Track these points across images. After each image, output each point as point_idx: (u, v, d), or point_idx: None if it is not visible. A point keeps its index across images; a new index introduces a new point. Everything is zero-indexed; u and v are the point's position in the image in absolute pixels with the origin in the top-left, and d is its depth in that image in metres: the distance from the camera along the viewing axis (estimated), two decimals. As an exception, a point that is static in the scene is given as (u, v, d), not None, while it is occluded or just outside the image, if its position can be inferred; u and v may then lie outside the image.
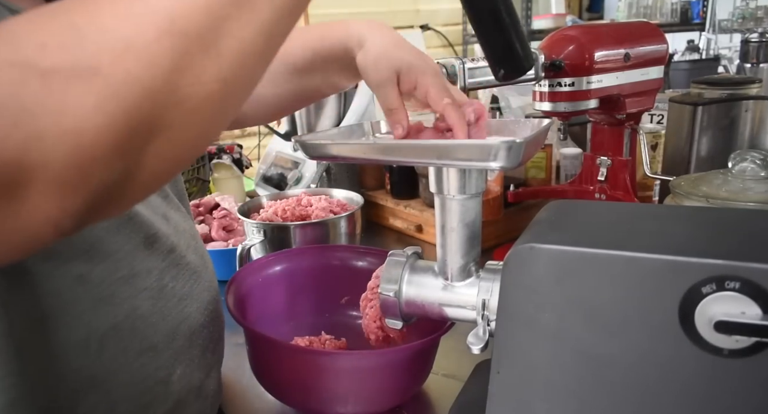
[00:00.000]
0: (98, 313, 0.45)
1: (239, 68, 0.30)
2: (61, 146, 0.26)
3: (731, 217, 0.48)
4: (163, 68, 0.27)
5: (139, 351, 0.48)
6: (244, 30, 0.30)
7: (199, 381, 0.56)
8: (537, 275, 0.42)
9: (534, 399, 0.44)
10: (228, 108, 0.32)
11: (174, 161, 0.31)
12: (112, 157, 0.27)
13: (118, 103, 0.26)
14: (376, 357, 0.63)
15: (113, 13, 0.27)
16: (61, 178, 0.26)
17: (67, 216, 0.28)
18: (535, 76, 0.86)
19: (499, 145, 0.44)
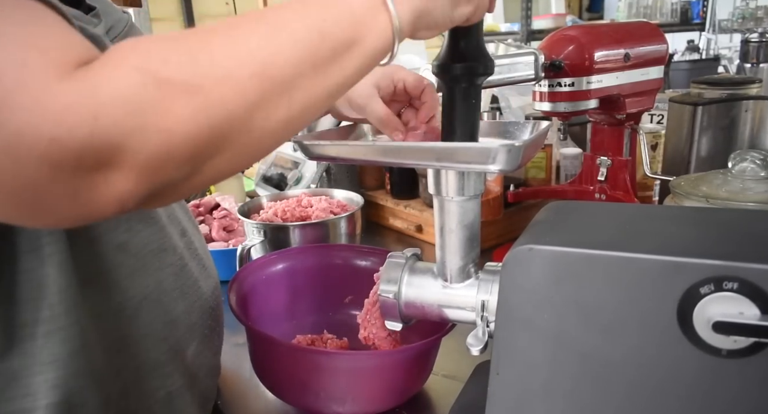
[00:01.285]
0: (133, 282, 0.52)
1: (300, 115, 0.38)
2: (154, 141, 0.32)
3: (731, 217, 0.48)
4: (248, 101, 0.34)
5: (163, 322, 0.55)
6: (314, 88, 0.37)
7: (209, 360, 0.63)
8: (536, 276, 0.42)
9: (533, 400, 0.44)
10: (279, 143, 0.39)
11: (223, 174, 0.37)
12: (185, 161, 0.33)
13: (207, 118, 0.33)
14: (376, 357, 0.63)
15: (222, 49, 0.34)
16: (143, 167, 0.32)
17: (132, 198, 0.33)
18: (535, 76, 0.86)
19: (498, 148, 0.44)
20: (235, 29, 0.36)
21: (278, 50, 0.35)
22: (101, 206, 0.33)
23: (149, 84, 0.31)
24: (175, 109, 0.32)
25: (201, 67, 0.33)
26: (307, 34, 0.36)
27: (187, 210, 0.66)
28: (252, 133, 0.35)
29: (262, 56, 0.35)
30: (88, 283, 0.48)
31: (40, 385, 0.45)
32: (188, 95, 0.32)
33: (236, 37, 0.35)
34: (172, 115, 0.32)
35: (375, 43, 0.39)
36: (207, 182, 0.37)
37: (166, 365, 0.55)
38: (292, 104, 0.36)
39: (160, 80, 0.32)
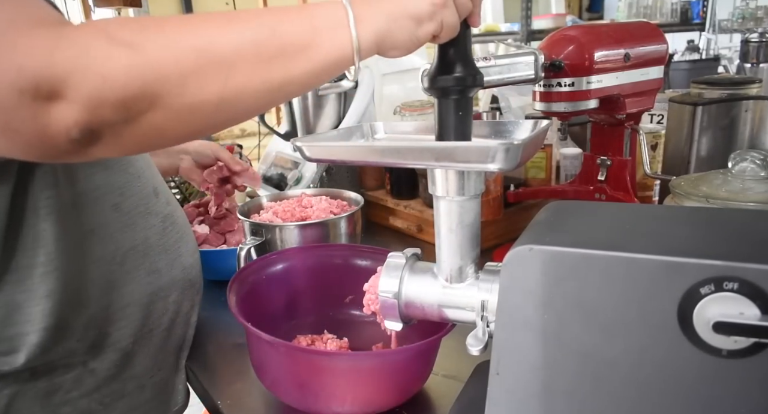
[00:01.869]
0: (124, 235, 0.65)
1: (237, 96, 0.42)
2: (91, 81, 0.39)
3: (731, 217, 0.48)
4: (182, 68, 0.40)
5: (148, 271, 0.67)
6: (255, 75, 0.42)
7: (186, 309, 0.75)
8: (536, 276, 0.42)
9: (533, 400, 0.44)
10: (217, 117, 0.43)
11: (161, 131, 0.42)
12: (118, 105, 0.40)
13: (140, 74, 0.39)
14: (376, 357, 0.63)
15: (174, 27, 0.41)
16: (82, 101, 0.39)
17: (76, 128, 0.40)
18: (535, 76, 0.86)
19: (497, 147, 0.44)
20: (195, 17, 0.42)
21: (225, 34, 0.41)
22: (53, 132, 0.40)
23: (101, 38, 0.39)
24: (113, 59, 0.39)
25: (149, 34, 0.40)
26: (258, 28, 0.42)
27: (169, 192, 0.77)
28: (184, 97, 0.41)
29: (208, 35, 0.41)
30: (89, 233, 0.61)
31: (38, 314, 0.57)
32: (129, 51, 0.39)
33: (192, 22, 0.42)
34: (110, 63, 0.39)
35: (329, 54, 0.43)
36: (148, 137, 0.42)
37: (148, 306, 0.67)
38: (228, 83, 0.41)
39: (111, 37, 0.39)
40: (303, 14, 0.43)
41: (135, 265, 0.66)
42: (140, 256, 0.66)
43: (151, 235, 0.68)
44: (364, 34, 0.43)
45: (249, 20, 0.42)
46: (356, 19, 0.43)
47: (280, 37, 0.42)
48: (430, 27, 0.45)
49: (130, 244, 0.65)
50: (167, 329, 0.71)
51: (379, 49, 0.45)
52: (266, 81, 0.42)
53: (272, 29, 0.42)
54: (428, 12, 0.45)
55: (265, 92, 0.43)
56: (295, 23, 0.43)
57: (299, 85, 0.44)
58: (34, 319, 0.58)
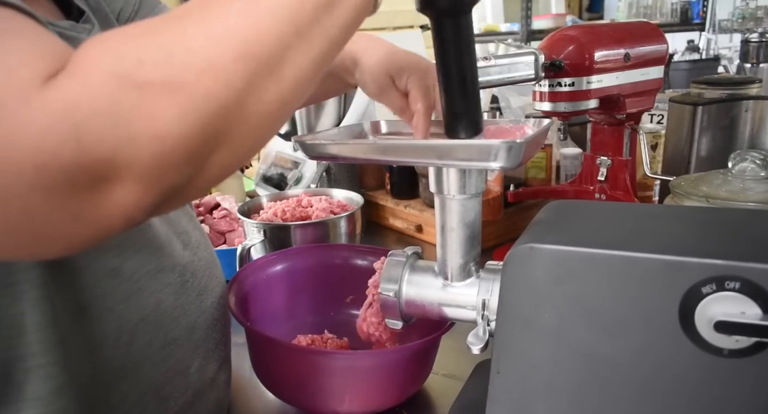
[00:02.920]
0: (129, 306, 0.49)
1: (294, 91, 0.35)
2: (147, 149, 0.29)
3: (731, 217, 0.48)
4: (236, 88, 0.31)
5: (163, 344, 0.52)
6: (302, 58, 0.34)
7: (213, 372, 0.60)
8: (537, 275, 0.42)
9: (534, 399, 0.44)
10: (280, 123, 0.36)
11: (228, 168, 0.34)
12: (185, 163, 0.31)
13: (196, 116, 0.30)
14: (375, 357, 0.63)
15: (197, 36, 0.31)
16: (142, 177, 0.30)
17: (139, 210, 0.31)
18: (535, 76, 0.86)
19: (500, 145, 0.44)
20: (209, 10, 0.33)
21: (258, 24, 0.32)
22: (108, 223, 0.31)
23: (128, 89, 0.29)
24: (160, 112, 0.29)
25: (179, 61, 0.30)
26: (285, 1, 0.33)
27: (191, 216, 0.62)
28: (248, 120, 0.33)
29: (242, 35, 0.32)
30: (78, 313, 0.45)
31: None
32: (171, 94, 0.30)
33: (211, 18, 0.32)
34: (159, 119, 0.29)
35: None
36: (214, 179, 0.35)
37: (165, 387, 0.52)
38: (283, 80, 0.34)
39: (139, 83, 0.29)
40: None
41: (146, 340, 0.50)
42: (151, 329, 0.51)
43: (164, 298, 0.52)
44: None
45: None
46: None
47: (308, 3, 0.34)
48: None
49: (138, 316, 0.49)
50: (192, 405, 0.56)
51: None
52: (314, 57, 0.35)
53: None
54: None
55: (317, 68, 0.36)
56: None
57: (341, 43, 0.37)
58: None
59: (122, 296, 0.48)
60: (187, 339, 0.55)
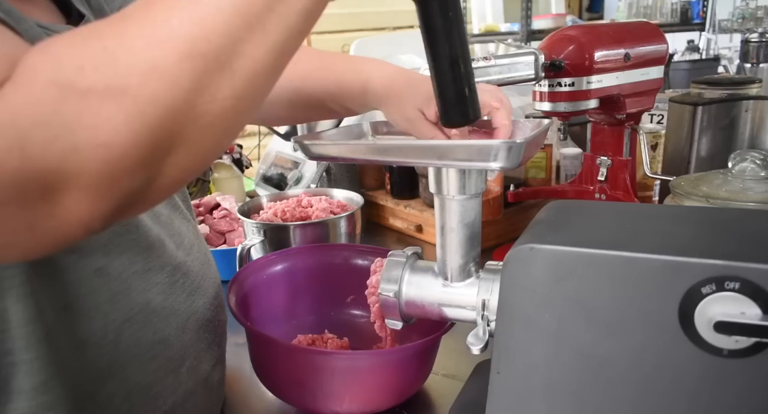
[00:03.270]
0: (115, 305, 0.48)
1: (251, 85, 0.33)
2: (93, 158, 0.28)
3: (731, 217, 0.48)
4: (184, 88, 0.30)
5: (151, 343, 0.51)
6: (256, 51, 0.32)
7: (206, 373, 0.59)
8: (537, 275, 0.42)
9: (534, 399, 0.44)
10: (239, 121, 0.34)
11: (189, 170, 0.34)
12: (137, 168, 0.30)
13: (143, 120, 0.29)
14: (375, 357, 0.63)
15: (140, 37, 0.30)
16: (93, 186, 0.29)
17: (95, 218, 0.31)
18: (535, 76, 0.86)
19: (500, 145, 0.44)
20: (152, 8, 0.31)
21: (203, 20, 0.30)
22: (64, 232, 0.31)
23: (69, 98, 0.28)
24: (105, 119, 0.28)
25: (121, 64, 0.29)
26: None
27: (185, 216, 0.61)
28: (201, 120, 0.31)
29: (187, 32, 0.30)
30: (63, 310, 0.45)
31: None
32: (115, 100, 0.28)
33: (154, 17, 0.30)
34: (104, 126, 0.28)
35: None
36: (175, 182, 0.33)
37: (154, 386, 0.52)
38: (236, 76, 0.32)
39: (81, 91, 0.28)
40: None
41: (133, 339, 0.50)
42: (139, 327, 0.50)
43: (153, 297, 0.51)
44: None
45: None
46: None
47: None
48: None
49: (125, 315, 0.49)
50: (183, 405, 0.56)
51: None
52: (271, 47, 0.33)
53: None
54: None
55: (275, 58, 0.34)
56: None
57: (302, 29, 0.35)
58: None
59: (108, 295, 0.48)
60: (178, 339, 0.54)
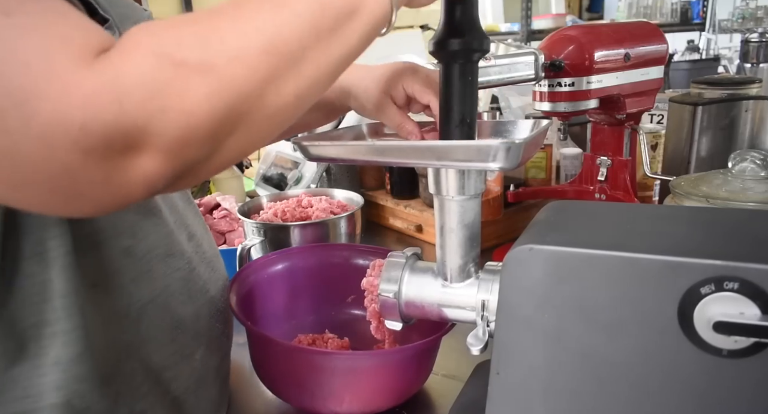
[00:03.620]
0: (139, 285, 0.52)
1: (310, 88, 0.39)
2: (175, 122, 0.33)
3: (731, 217, 0.48)
4: (259, 78, 0.35)
5: (170, 326, 0.55)
6: (321, 59, 0.38)
7: (217, 363, 0.63)
8: (536, 276, 0.42)
9: (533, 399, 0.44)
10: (291, 118, 0.40)
11: (241, 152, 0.38)
12: (205, 140, 0.35)
13: (221, 98, 0.34)
14: (375, 357, 0.63)
15: (229, 29, 0.35)
16: (166, 148, 0.33)
17: (159, 179, 0.35)
18: (535, 76, 0.86)
19: (499, 146, 0.44)
20: (240, 9, 0.37)
21: (283, 24, 0.36)
22: (132, 188, 0.34)
23: (166, 67, 0.33)
24: (191, 90, 0.33)
25: (212, 47, 0.34)
26: (307, 7, 0.37)
27: (196, 212, 0.65)
28: (265, 109, 0.36)
29: (269, 32, 0.36)
30: (93, 286, 0.48)
31: (44, 387, 0.46)
32: (202, 75, 0.33)
33: (242, 16, 0.36)
34: (190, 96, 0.33)
35: (374, 11, 0.41)
36: (227, 161, 0.38)
37: (170, 369, 0.55)
38: (300, 77, 0.37)
39: (176, 62, 0.33)
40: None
41: (154, 321, 0.53)
42: (160, 310, 0.53)
43: (172, 282, 0.55)
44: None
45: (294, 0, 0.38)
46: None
47: (330, 8, 0.38)
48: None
49: (148, 296, 0.52)
50: (195, 392, 0.58)
51: None
52: (331, 61, 0.39)
53: (320, 3, 0.38)
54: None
55: (332, 71, 0.40)
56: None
57: (357, 52, 0.41)
58: (38, 394, 0.46)
59: (133, 275, 0.51)
60: (193, 325, 0.57)
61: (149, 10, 0.63)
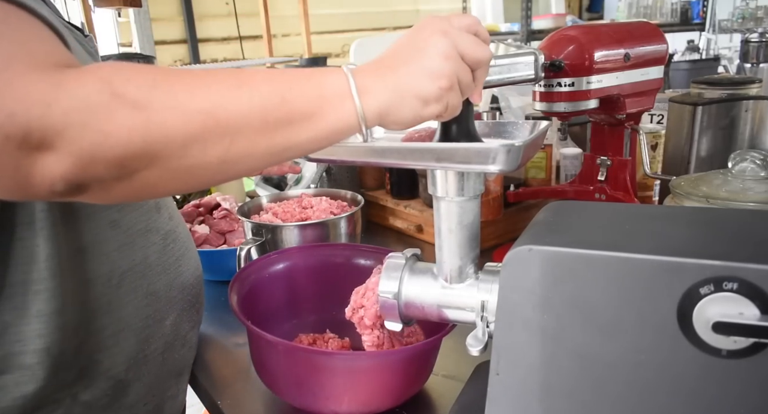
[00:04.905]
0: (121, 254, 0.60)
1: (238, 160, 0.41)
2: (89, 137, 0.37)
3: (731, 217, 0.48)
4: (188, 131, 0.39)
5: (145, 293, 0.63)
6: (260, 142, 0.41)
7: (185, 331, 0.70)
8: (535, 277, 0.42)
9: (533, 400, 0.44)
10: (216, 177, 0.43)
11: (154, 188, 0.41)
12: (114, 163, 0.38)
13: (142, 136, 0.38)
14: (375, 358, 0.63)
15: (183, 86, 0.40)
16: (75, 156, 0.37)
17: (62, 181, 0.38)
18: (535, 76, 0.86)
19: (498, 148, 0.44)
20: (207, 77, 0.41)
21: (233, 98, 0.40)
22: (36, 181, 0.38)
23: (104, 92, 0.37)
24: (117, 118, 0.37)
25: (157, 93, 0.38)
26: (268, 95, 0.41)
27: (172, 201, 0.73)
28: (184, 159, 0.39)
29: (217, 100, 0.40)
30: (81, 252, 0.57)
31: (29, 333, 0.54)
32: (134, 111, 0.37)
33: (201, 82, 0.40)
34: (113, 121, 0.37)
35: (334, 123, 0.43)
36: (138, 191, 0.41)
37: (143, 330, 0.62)
38: (232, 148, 0.40)
39: (116, 92, 0.37)
40: (312, 82, 0.43)
41: (132, 286, 0.61)
42: (138, 277, 0.62)
43: (150, 254, 0.63)
44: (368, 106, 0.43)
45: (260, 85, 0.41)
46: (361, 90, 0.43)
47: (288, 105, 0.41)
48: (435, 109, 0.45)
49: (128, 264, 0.61)
50: (162, 354, 0.66)
51: (382, 121, 0.44)
52: (269, 147, 0.42)
53: (282, 97, 0.41)
54: (435, 95, 0.44)
55: (267, 156, 0.43)
56: (305, 91, 0.42)
57: (301, 150, 0.44)
58: (25, 339, 0.54)
59: (117, 246, 0.59)
60: (166, 294, 0.65)
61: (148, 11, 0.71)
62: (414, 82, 0.43)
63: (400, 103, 0.44)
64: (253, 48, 3.25)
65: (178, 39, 3.11)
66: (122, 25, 2.83)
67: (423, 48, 0.44)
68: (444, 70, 0.44)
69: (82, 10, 2.32)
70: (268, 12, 3.02)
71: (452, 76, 0.44)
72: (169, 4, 3.07)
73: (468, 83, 0.46)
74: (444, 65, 0.44)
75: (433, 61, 0.44)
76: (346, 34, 3.52)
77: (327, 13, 3.41)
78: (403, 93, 0.43)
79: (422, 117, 0.45)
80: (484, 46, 0.46)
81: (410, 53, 0.44)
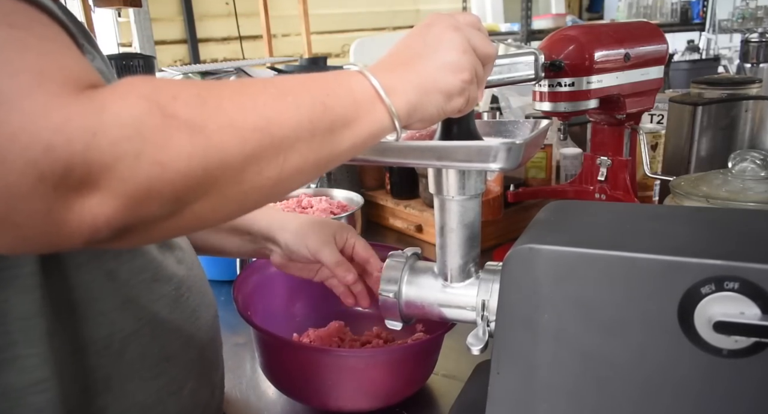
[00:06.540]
0: (123, 313, 0.48)
1: (290, 177, 0.38)
2: (145, 171, 0.31)
3: (731, 217, 0.48)
4: (245, 152, 0.34)
5: (156, 359, 0.50)
6: (309, 154, 0.38)
7: (206, 399, 0.58)
8: (536, 276, 0.42)
9: (534, 399, 0.44)
10: (264, 200, 0.39)
11: (202, 221, 0.36)
12: (170, 198, 0.32)
13: (202, 160, 0.32)
14: (376, 355, 0.64)
15: (230, 99, 0.35)
16: (127, 195, 0.31)
17: (107, 227, 0.31)
18: (535, 76, 0.86)
19: (499, 146, 0.44)
20: (245, 87, 0.37)
21: (282, 111, 0.37)
22: (71, 229, 0.31)
23: (154, 114, 0.31)
24: (174, 143, 0.31)
25: (208, 109, 0.33)
26: (311, 103, 0.38)
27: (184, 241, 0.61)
28: (241, 184, 0.35)
29: (268, 113, 0.36)
30: (68, 312, 0.45)
31: None
32: (190, 133, 0.32)
33: (245, 93, 0.36)
34: (170, 149, 0.31)
35: (370, 127, 0.41)
36: (184, 227, 0.36)
37: (155, 407, 0.50)
38: (285, 165, 0.37)
39: (166, 113, 0.32)
40: (344, 87, 0.41)
41: (139, 353, 0.48)
42: (146, 341, 0.49)
43: (160, 310, 0.50)
44: (398, 105, 0.42)
45: (300, 93, 0.38)
46: (388, 90, 0.41)
47: (331, 111, 0.39)
48: (458, 102, 0.44)
49: (132, 326, 0.48)
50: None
51: (409, 120, 0.43)
52: (318, 159, 0.39)
53: (323, 103, 0.39)
54: (459, 88, 0.44)
55: (314, 170, 0.40)
56: (341, 97, 0.40)
57: (342, 159, 0.42)
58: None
59: (118, 302, 0.47)
60: (182, 358, 0.53)
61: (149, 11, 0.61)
62: (437, 77, 0.43)
63: (426, 99, 0.43)
64: (253, 48, 3.25)
65: (178, 39, 3.10)
66: (122, 25, 2.83)
67: (438, 43, 0.44)
68: (464, 63, 0.44)
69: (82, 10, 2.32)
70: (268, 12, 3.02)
71: (471, 69, 0.44)
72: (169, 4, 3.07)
73: (482, 77, 0.46)
74: (463, 58, 0.44)
75: (452, 56, 0.43)
76: (346, 34, 3.52)
77: (327, 13, 3.41)
78: (428, 89, 0.43)
79: (445, 112, 0.45)
80: (491, 42, 0.47)
81: (424, 49, 0.44)
